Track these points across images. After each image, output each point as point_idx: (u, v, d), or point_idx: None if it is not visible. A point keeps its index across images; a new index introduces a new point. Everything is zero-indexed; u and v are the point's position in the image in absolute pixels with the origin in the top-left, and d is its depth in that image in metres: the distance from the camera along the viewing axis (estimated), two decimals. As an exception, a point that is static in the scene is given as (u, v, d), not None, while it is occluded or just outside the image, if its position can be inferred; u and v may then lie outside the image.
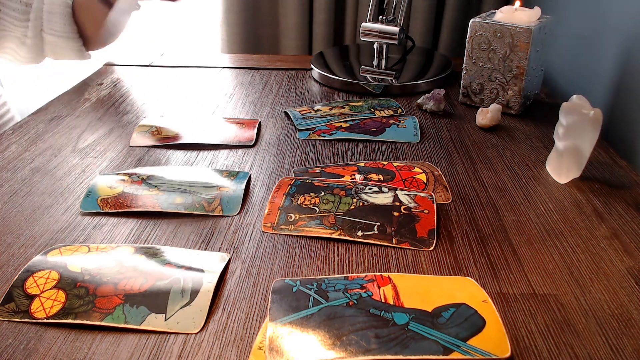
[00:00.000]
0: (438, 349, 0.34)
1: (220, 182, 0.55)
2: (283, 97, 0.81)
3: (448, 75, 0.86)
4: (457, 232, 0.48)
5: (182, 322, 0.37)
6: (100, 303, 0.39)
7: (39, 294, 0.40)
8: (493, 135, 0.68)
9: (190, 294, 0.40)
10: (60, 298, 0.39)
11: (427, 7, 1.07)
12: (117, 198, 0.52)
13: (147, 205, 0.51)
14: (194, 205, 0.51)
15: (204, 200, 0.52)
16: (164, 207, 0.51)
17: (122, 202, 0.51)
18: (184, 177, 0.56)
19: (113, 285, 0.40)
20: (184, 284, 0.40)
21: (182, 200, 0.52)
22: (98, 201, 0.52)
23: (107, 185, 0.54)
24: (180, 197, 0.52)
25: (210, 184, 0.55)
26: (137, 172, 0.57)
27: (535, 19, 0.70)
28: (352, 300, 0.38)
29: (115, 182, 0.54)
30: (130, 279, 0.41)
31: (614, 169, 0.59)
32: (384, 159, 0.62)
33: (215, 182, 0.55)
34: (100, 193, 0.53)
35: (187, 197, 0.52)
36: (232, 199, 0.52)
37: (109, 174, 0.57)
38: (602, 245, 0.46)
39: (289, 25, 1.12)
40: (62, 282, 0.40)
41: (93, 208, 0.51)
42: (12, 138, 0.66)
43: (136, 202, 0.51)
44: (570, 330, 0.37)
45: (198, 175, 0.56)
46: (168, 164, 0.60)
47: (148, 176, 0.56)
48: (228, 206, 0.51)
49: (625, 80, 0.67)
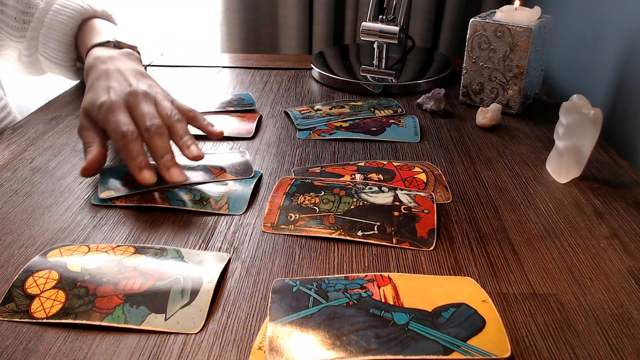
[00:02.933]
0: (438, 349, 0.34)
1: (230, 182, 0.55)
2: (283, 97, 0.81)
3: (448, 74, 0.86)
4: (457, 232, 0.48)
5: (182, 322, 0.37)
6: (100, 303, 0.39)
7: (39, 294, 0.40)
8: (493, 135, 0.68)
9: (190, 294, 0.40)
10: (60, 298, 0.39)
11: (427, 6, 1.07)
12: (124, 196, 0.52)
13: (156, 201, 0.51)
14: (201, 202, 0.52)
15: (212, 198, 0.52)
16: (172, 204, 0.51)
17: (132, 197, 0.52)
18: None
19: (113, 285, 0.40)
20: (184, 284, 0.40)
21: (191, 197, 0.52)
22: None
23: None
24: (189, 194, 0.53)
25: (220, 182, 0.55)
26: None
27: (535, 19, 0.70)
28: (352, 300, 0.38)
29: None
30: (130, 279, 0.41)
31: (614, 168, 0.59)
32: (384, 158, 0.62)
33: (225, 181, 0.55)
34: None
35: (195, 194, 0.53)
36: (239, 198, 0.53)
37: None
38: (602, 245, 0.46)
39: (289, 25, 1.12)
40: (62, 282, 0.40)
41: (104, 201, 0.52)
42: (12, 138, 0.66)
43: (145, 197, 0.52)
44: (570, 330, 0.37)
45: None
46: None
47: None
48: (235, 205, 0.52)
49: (625, 80, 0.67)
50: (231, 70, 0.93)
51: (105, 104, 0.54)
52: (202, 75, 0.90)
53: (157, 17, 1.24)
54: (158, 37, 1.25)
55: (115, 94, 0.55)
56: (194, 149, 0.53)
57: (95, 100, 0.55)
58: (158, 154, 0.52)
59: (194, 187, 0.54)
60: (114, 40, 0.67)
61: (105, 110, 0.54)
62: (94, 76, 0.60)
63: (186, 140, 0.54)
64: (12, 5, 0.71)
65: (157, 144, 0.52)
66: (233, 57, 1.01)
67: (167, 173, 0.51)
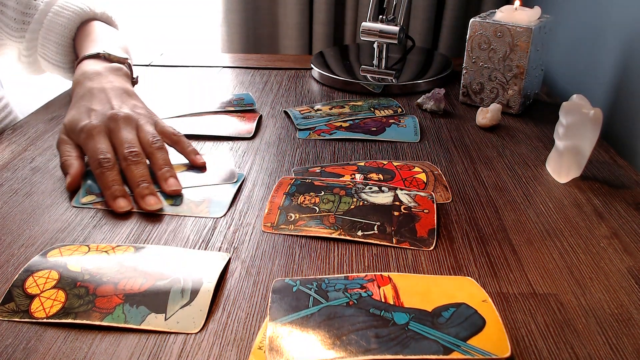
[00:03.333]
0: (438, 349, 0.34)
1: (212, 187, 0.55)
2: (283, 97, 0.81)
3: (448, 74, 0.86)
4: (457, 232, 0.48)
5: (182, 322, 0.37)
6: (100, 303, 0.39)
7: (39, 293, 0.40)
8: (493, 135, 0.68)
9: (190, 294, 0.40)
10: (60, 298, 0.39)
11: (427, 6, 1.07)
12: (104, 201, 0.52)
13: (136, 206, 0.51)
14: (181, 207, 0.51)
15: (193, 202, 0.52)
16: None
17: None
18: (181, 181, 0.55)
19: (113, 285, 0.40)
20: (183, 283, 0.40)
21: (172, 202, 0.52)
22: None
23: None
24: (170, 198, 0.52)
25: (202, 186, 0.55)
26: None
27: (535, 19, 0.70)
28: (352, 300, 0.38)
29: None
30: (130, 279, 0.41)
31: (614, 168, 0.59)
32: (384, 158, 0.62)
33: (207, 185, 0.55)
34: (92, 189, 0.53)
35: (176, 198, 0.52)
36: (220, 202, 0.52)
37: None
38: (602, 245, 0.46)
39: (289, 25, 1.12)
40: (62, 282, 0.40)
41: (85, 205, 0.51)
42: (12, 138, 0.66)
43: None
44: (570, 330, 0.37)
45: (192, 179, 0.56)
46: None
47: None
48: (215, 209, 0.51)
49: (625, 80, 0.67)
50: (231, 71, 0.93)
51: (86, 128, 0.54)
52: (202, 75, 0.90)
53: (157, 17, 1.24)
54: (158, 37, 1.25)
55: (96, 118, 0.55)
56: (172, 182, 0.53)
57: (77, 122, 0.56)
58: (134, 183, 0.52)
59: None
60: (104, 53, 0.67)
61: (85, 135, 0.54)
62: (79, 94, 0.60)
63: (165, 172, 0.53)
64: (12, 6, 0.71)
65: (133, 172, 0.52)
66: (233, 57, 1.01)
67: (143, 201, 0.50)
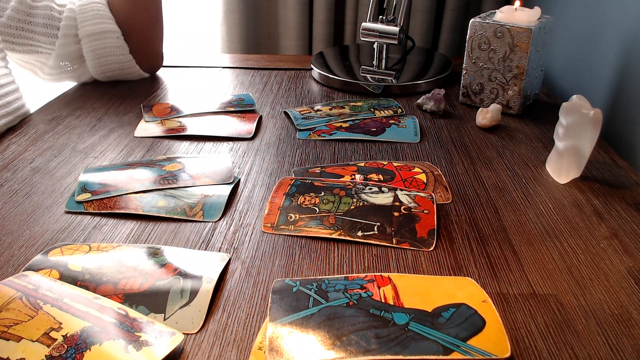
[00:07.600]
0: (438, 349, 0.34)
1: (206, 188, 0.54)
2: (283, 97, 0.81)
3: (448, 75, 0.86)
4: (457, 232, 0.48)
5: (181, 322, 0.37)
6: (100, 303, 0.39)
7: (39, 294, 0.40)
8: (493, 135, 0.68)
9: (189, 294, 0.40)
10: (60, 298, 0.39)
11: (427, 7, 1.07)
12: (100, 199, 0.52)
13: (129, 207, 0.51)
14: (175, 209, 0.51)
15: (187, 204, 0.52)
16: (145, 210, 0.50)
17: (106, 203, 0.51)
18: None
19: (113, 285, 0.40)
20: (183, 284, 0.40)
21: (165, 204, 0.51)
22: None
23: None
24: (164, 200, 0.52)
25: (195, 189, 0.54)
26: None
27: (535, 19, 0.70)
28: (352, 301, 0.38)
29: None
30: (130, 279, 0.41)
31: (614, 169, 0.59)
32: (384, 159, 0.62)
33: (201, 188, 0.54)
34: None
35: (170, 200, 0.52)
36: (214, 204, 0.52)
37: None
38: (602, 246, 0.46)
39: (288, 25, 1.12)
40: (63, 281, 0.40)
41: (77, 207, 0.51)
42: (12, 138, 0.66)
43: (119, 204, 0.51)
44: (570, 331, 0.37)
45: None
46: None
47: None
48: (209, 212, 0.51)
49: (625, 80, 0.67)
50: (231, 71, 0.93)
51: None
52: (202, 75, 0.90)
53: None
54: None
55: None
56: None
57: None
58: None
59: (169, 192, 0.53)
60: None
61: None
62: None
63: None
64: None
65: None
66: (233, 58, 1.01)
67: None
